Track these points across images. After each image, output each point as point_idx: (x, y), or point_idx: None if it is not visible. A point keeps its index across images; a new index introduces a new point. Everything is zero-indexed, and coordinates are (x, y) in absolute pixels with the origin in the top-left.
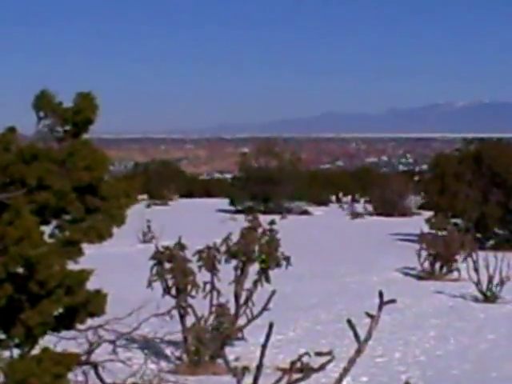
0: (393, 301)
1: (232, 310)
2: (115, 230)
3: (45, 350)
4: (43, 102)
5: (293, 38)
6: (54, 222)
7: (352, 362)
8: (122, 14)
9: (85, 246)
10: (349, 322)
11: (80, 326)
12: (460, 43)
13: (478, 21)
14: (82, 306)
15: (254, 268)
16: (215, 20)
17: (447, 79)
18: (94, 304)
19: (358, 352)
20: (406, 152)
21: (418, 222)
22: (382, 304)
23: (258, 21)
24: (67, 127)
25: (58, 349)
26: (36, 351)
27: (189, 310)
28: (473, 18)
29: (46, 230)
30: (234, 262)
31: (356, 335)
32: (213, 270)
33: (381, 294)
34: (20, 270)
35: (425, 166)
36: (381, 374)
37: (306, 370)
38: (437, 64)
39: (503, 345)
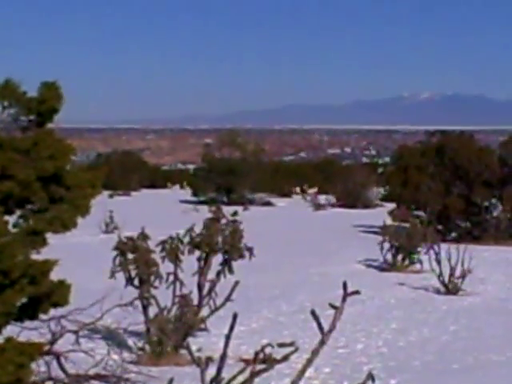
0: (357, 292)
1: (195, 301)
2: (79, 220)
3: (8, 339)
4: (7, 91)
5: (257, 28)
6: (18, 212)
7: (315, 353)
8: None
9: (48, 236)
10: (312, 312)
11: (43, 316)
12: (424, 36)
13: (442, 14)
14: (45, 296)
15: (217, 259)
16: (176, 8)
17: (412, 72)
18: (58, 294)
19: (322, 343)
20: (369, 144)
21: (381, 214)
22: (345, 295)
23: (221, 10)
24: (31, 117)
25: (21, 339)
26: None
27: (152, 300)
28: (438, 11)
29: (10, 219)
30: (197, 253)
31: (320, 326)
32: (176, 260)
33: (344, 285)
34: None
35: (387, 158)
36: (343, 365)
37: (269, 361)
38: (402, 56)
39: (464, 337)
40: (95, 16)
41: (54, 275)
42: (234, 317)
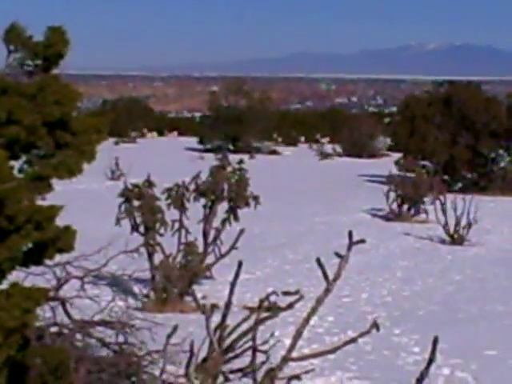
0: (362, 241)
1: (200, 249)
2: (85, 166)
3: (14, 284)
4: (13, 36)
5: None
6: (24, 157)
7: (320, 301)
8: None
9: (54, 183)
10: (318, 260)
11: (48, 262)
12: None
13: None
14: (51, 241)
15: (222, 207)
16: None
17: (419, 21)
18: (63, 240)
19: (327, 291)
20: (376, 93)
21: (387, 164)
22: (351, 244)
23: None
24: (38, 61)
25: (27, 284)
26: (4, 286)
27: (157, 247)
28: None
29: (16, 165)
30: (202, 201)
31: (325, 274)
32: (181, 208)
33: (350, 234)
34: None
35: (394, 108)
36: (347, 314)
37: (274, 309)
38: (409, 5)
39: (469, 287)
40: None
41: (60, 221)
42: (240, 264)
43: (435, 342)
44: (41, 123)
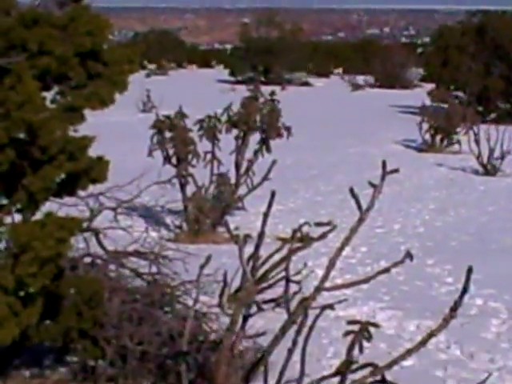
0: (396, 170)
1: (232, 180)
2: (117, 98)
3: (48, 214)
4: None
5: None
6: (56, 88)
7: (354, 230)
8: None
9: (86, 114)
10: (351, 190)
11: (82, 193)
12: None
13: None
14: (84, 172)
15: (254, 138)
16: None
17: None
18: (96, 170)
19: (360, 221)
20: (409, 24)
21: (420, 95)
22: (384, 173)
23: None
24: None
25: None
26: (38, 217)
27: (189, 179)
28: None
29: (48, 95)
30: (234, 132)
31: (358, 204)
32: (213, 139)
33: (384, 164)
34: (22, 135)
35: (427, 39)
36: (380, 245)
37: (307, 240)
38: None
39: (502, 217)
40: None
41: (92, 152)
42: (273, 194)
43: (469, 271)
44: (72, 54)
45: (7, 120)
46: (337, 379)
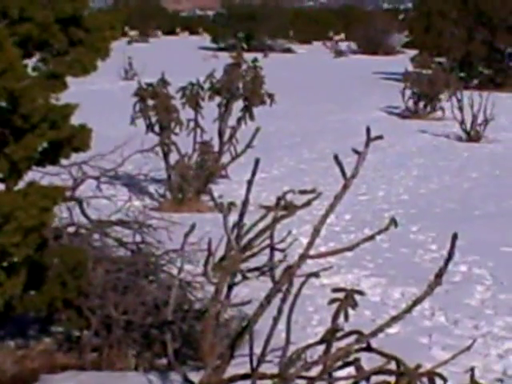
0: (380, 137)
1: (216, 148)
2: (99, 66)
3: (31, 183)
4: None
5: None
6: (38, 55)
7: (338, 198)
8: None
9: (68, 82)
10: (335, 157)
11: (64, 162)
12: None
13: None
14: (66, 140)
15: (237, 105)
16: None
17: None
18: (79, 139)
19: (345, 188)
20: None
21: (403, 61)
22: (368, 140)
23: None
24: None
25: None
26: (21, 186)
27: (172, 147)
28: None
29: (29, 63)
30: (217, 99)
31: (342, 171)
32: (196, 107)
33: (368, 130)
34: (3, 103)
35: (410, 4)
36: (364, 212)
37: (291, 207)
38: None
39: (485, 184)
40: None
41: (75, 121)
42: (257, 162)
43: (454, 238)
44: (53, 20)
45: None
46: (322, 347)
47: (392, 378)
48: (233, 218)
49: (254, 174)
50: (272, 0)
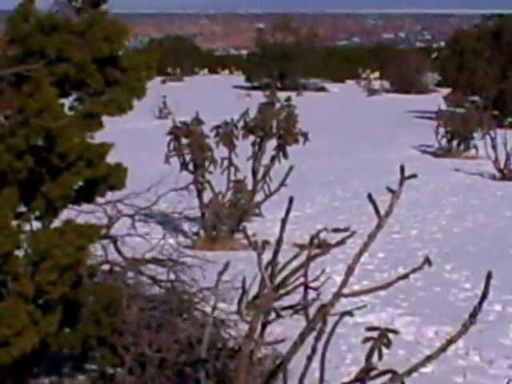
0: (414, 176)
1: (249, 186)
2: (134, 104)
3: (67, 222)
4: None
5: None
6: (74, 95)
7: (372, 236)
8: None
9: (103, 121)
10: (369, 196)
11: (99, 200)
12: None
13: None
14: (102, 179)
15: (271, 144)
16: None
17: None
18: (115, 177)
19: (379, 227)
20: (424, 28)
21: (436, 100)
22: (402, 179)
23: None
24: None
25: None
26: (57, 224)
27: (206, 185)
28: None
29: (66, 102)
30: (251, 138)
31: (376, 210)
32: (230, 145)
33: (402, 169)
34: (40, 142)
35: (443, 43)
36: (398, 251)
37: (324, 246)
38: None
39: None
40: None
41: (110, 159)
42: (291, 200)
43: (489, 276)
44: (90, 60)
45: (26, 127)
46: None
47: None
48: (267, 256)
49: (287, 212)
50: (305, 39)
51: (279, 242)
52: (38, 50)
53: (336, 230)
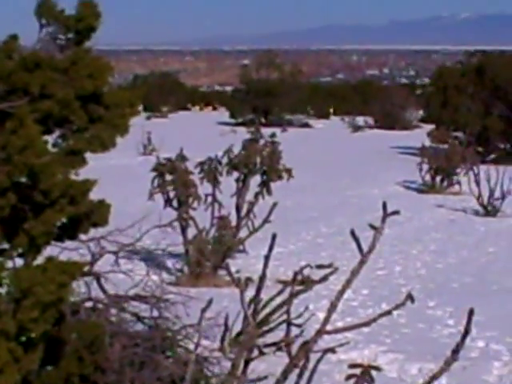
0: (396, 212)
1: (233, 223)
2: (118, 140)
3: (49, 259)
4: (45, 10)
5: None
6: (58, 132)
7: (355, 273)
8: None
9: (87, 157)
10: (352, 233)
11: (83, 237)
12: None
13: None
14: (85, 215)
15: (255, 180)
16: None
17: None
18: (98, 214)
19: (362, 263)
20: (408, 64)
21: (420, 136)
22: (385, 215)
23: None
24: (70, 35)
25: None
26: (40, 261)
27: (190, 222)
28: None
29: (50, 139)
30: (235, 175)
31: (359, 246)
32: (214, 182)
33: (384, 205)
34: (23, 179)
35: (426, 79)
36: (381, 287)
37: (308, 282)
38: None
39: (503, 258)
40: None
41: (94, 196)
42: (274, 237)
43: (471, 313)
44: (74, 97)
45: (9, 164)
46: None
47: None
48: (250, 292)
49: (271, 248)
50: (289, 76)
51: (262, 278)
52: (22, 87)
53: (319, 267)
